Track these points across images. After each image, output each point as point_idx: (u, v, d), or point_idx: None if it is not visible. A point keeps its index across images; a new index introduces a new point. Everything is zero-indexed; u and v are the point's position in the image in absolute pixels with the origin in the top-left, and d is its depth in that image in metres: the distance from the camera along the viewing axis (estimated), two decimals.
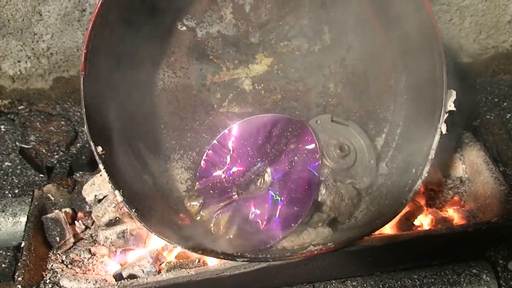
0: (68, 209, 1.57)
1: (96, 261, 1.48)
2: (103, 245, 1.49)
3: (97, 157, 1.17)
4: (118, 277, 1.39)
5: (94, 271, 1.46)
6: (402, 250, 1.43)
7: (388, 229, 1.51)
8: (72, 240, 1.51)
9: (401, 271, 1.51)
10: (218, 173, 1.50)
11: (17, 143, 2.02)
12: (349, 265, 1.46)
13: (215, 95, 1.55)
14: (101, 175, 1.57)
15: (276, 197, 1.42)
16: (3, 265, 1.65)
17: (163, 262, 1.44)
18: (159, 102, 1.50)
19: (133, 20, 1.33)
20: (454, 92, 1.30)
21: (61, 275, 1.42)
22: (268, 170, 1.46)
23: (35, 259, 1.41)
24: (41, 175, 1.92)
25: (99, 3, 1.14)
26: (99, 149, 1.17)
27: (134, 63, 1.40)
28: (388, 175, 1.51)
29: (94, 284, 1.38)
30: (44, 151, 1.98)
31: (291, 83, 1.56)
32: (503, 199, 1.50)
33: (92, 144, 1.16)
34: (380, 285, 1.48)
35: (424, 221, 1.56)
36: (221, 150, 1.51)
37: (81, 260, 1.48)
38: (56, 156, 1.96)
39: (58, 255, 1.49)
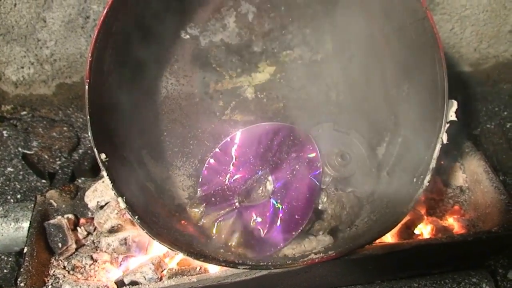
0: (70, 215, 1.57)
1: (98, 267, 1.49)
2: (105, 251, 1.49)
3: (100, 164, 1.17)
4: (120, 283, 1.39)
5: (95, 277, 1.46)
6: (402, 259, 1.43)
7: (389, 238, 1.51)
8: (74, 246, 1.51)
9: (401, 280, 1.51)
10: (220, 180, 1.50)
11: (20, 149, 2.03)
12: (350, 273, 1.46)
13: (218, 103, 1.56)
14: (103, 182, 1.58)
15: (277, 205, 1.43)
16: (5, 271, 1.65)
17: (164, 269, 1.44)
18: (162, 109, 1.51)
19: (137, 28, 1.35)
20: (455, 102, 1.29)
21: (63, 281, 1.42)
22: (270, 178, 1.47)
23: (37, 265, 1.41)
24: (43, 180, 1.92)
25: (104, 11, 1.15)
26: (103, 156, 1.17)
27: (138, 71, 1.42)
28: (389, 183, 1.51)
29: None
30: (46, 157, 1.98)
31: (294, 92, 1.57)
32: (503, 208, 1.50)
33: (96, 151, 1.16)
34: None
35: (424, 230, 1.57)
36: (223, 157, 1.52)
37: (83, 266, 1.48)
38: (58, 162, 1.97)
39: (60, 261, 1.49)
